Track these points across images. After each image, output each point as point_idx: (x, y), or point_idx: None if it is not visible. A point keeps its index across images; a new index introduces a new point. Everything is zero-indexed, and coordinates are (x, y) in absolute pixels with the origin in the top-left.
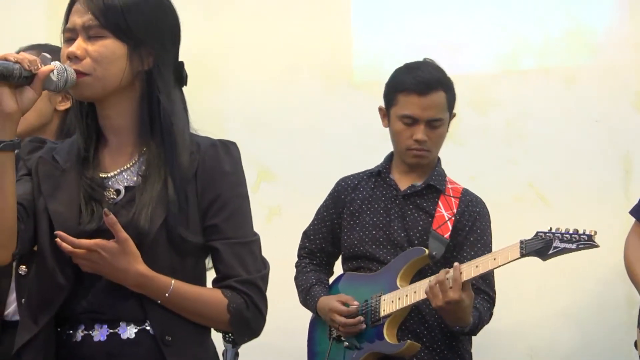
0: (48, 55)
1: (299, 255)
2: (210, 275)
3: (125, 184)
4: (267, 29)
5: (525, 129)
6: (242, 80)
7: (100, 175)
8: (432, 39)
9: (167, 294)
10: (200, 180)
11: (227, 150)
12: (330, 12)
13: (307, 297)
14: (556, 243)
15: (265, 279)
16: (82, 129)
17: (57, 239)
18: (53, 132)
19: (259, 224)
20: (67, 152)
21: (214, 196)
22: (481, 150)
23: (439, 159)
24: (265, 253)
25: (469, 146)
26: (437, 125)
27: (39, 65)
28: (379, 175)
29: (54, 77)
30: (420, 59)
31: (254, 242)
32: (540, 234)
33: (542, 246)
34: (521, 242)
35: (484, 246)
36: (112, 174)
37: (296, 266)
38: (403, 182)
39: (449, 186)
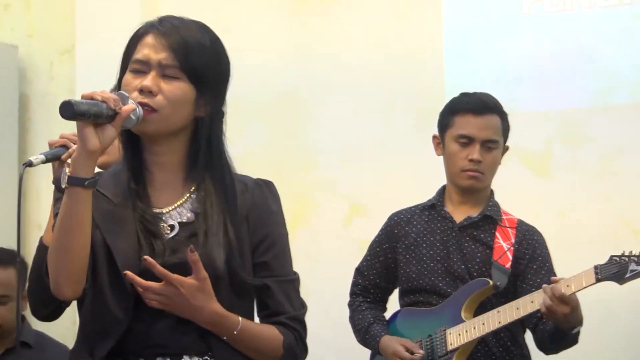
0: (125, 94)
1: (351, 293)
2: None
3: (179, 219)
4: (360, 65)
5: (619, 164)
6: (335, 115)
7: (154, 210)
8: (523, 74)
9: (235, 332)
10: (251, 219)
11: (271, 190)
12: (423, 48)
13: (366, 337)
14: (632, 266)
15: (304, 315)
16: (130, 164)
17: (128, 272)
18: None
19: (350, 259)
20: (113, 185)
21: (263, 235)
22: (573, 185)
23: (492, 190)
24: None
25: (560, 181)
26: (492, 147)
27: (120, 104)
28: (433, 208)
29: (132, 115)
30: (513, 94)
31: (297, 279)
32: (615, 257)
33: (617, 270)
34: (595, 267)
35: (548, 272)
36: (166, 210)
37: (349, 305)
38: (458, 214)
39: (504, 217)
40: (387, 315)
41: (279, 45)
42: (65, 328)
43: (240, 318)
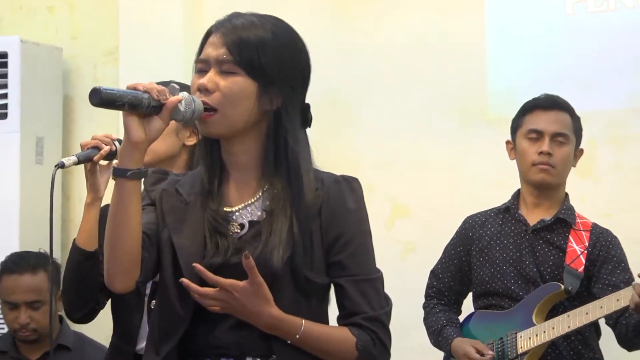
0: (177, 86)
1: (426, 296)
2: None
3: (249, 218)
4: (403, 66)
5: None
6: (377, 116)
7: (225, 209)
8: (566, 75)
9: (297, 336)
10: (324, 217)
11: (351, 187)
12: (465, 48)
13: (439, 339)
14: None
15: (389, 315)
16: (206, 163)
17: (184, 280)
18: (181, 166)
19: (393, 261)
20: (190, 185)
21: (338, 233)
22: (617, 186)
23: (566, 194)
24: (399, 289)
25: (604, 182)
26: (562, 142)
27: (167, 95)
28: (507, 211)
29: (181, 107)
30: (556, 94)
31: (378, 278)
32: None
33: None
34: None
35: (624, 271)
36: (236, 208)
37: (424, 307)
38: (532, 217)
39: (578, 220)
40: (462, 318)
41: (321, 46)
42: (108, 329)
43: (303, 321)
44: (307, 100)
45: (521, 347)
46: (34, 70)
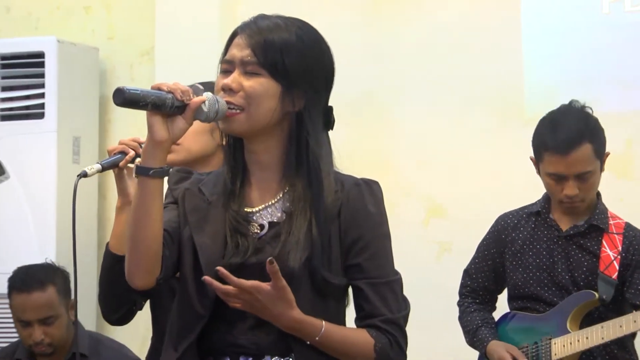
0: (200, 87)
1: (460, 294)
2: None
3: (269, 219)
4: (437, 66)
5: None
6: (412, 116)
7: (246, 209)
8: (603, 75)
9: (317, 337)
10: (343, 219)
11: (371, 190)
12: (501, 48)
13: (474, 339)
14: None
15: (406, 318)
16: (229, 163)
17: (207, 278)
18: (216, 166)
19: (428, 260)
20: (213, 184)
21: (357, 236)
22: None
23: (598, 193)
24: (435, 289)
25: None
26: (586, 178)
27: (191, 95)
28: (539, 215)
29: (205, 108)
30: (592, 95)
31: (396, 281)
32: None
33: None
34: None
35: None
36: (257, 209)
37: (459, 305)
38: (564, 222)
39: (611, 222)
40: (496, 315)
41: (356, 47)
42: (145, 329)
43: (323, 323)
44: (340, 101)
45: (555, 354)
46: (71, 70)
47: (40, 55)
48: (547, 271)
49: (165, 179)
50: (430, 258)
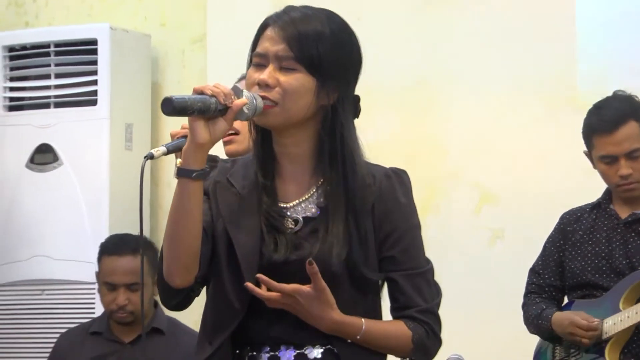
0: (240, 87)
1: (526, 293)
2: None
3: (304, 214)
4: (488, 53)
5: None
6: (463, 104)
7: (280, 204)
8: None
9: (358, 337)
10: (377, 213)
11: (401, 181)
12: (554, 34)
13: (538, 321)
14: None
15: (439, 305)
16: (258, 155)
17: (249, 284)
18: None
19: (481, 247)
20: (242, 176)
21: (390, 229)
22: None
23: None
24: (487, 276)
25: None
26: (637, 156)
27: (232, 98)
28: (599, 206)
29: (245, 109)
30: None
31: (429, 270)
32: None
33: None
34: None
35: None
36: (292, 204)
37: (523, 305)
38: (623, 211)
39: None
40: None
41: (407, 34)
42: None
43: (363, 321)
44: (393, 88)
45: (606, 333)
46: (123, 57)
47: (93, 42)
48: (605, 258)
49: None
50: (482, 245)
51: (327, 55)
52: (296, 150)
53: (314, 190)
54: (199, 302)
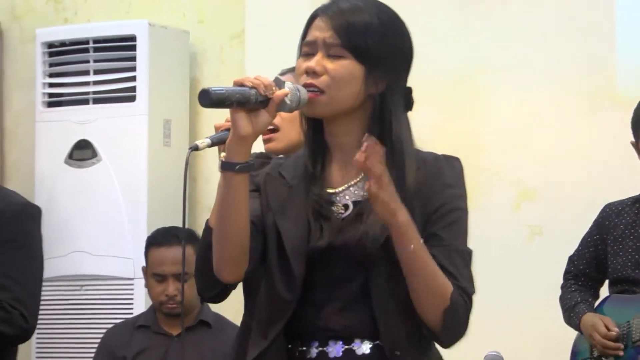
0: (282, 79)
1: (564, 279)
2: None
3: (353, 198)
4: (527, 49)
5: None
6: (502, 100)
7: (328, 190)
8: None
9: (412, 245)
10: (423, 194)
11: (451, 165)
12: (594, 31)
13: (570, 314)
14: None
15: (471, 295)
16: (309, 145)
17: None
18: None
19: (519, 243)
20: (294, 168)
21: (435, 206)
22: None
23: None
24: (526, 272)
25: None
26: None
27: (273, 89)
28: None
29: (287, 100)
30: None
31: (468, 252)
32: None
33: None
34: None
35: None
36: (340, 189)
37: (561, 287)
38: None
39: None
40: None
41: (448, 30)
42: (234, 310)
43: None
44: (434, 83)
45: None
46: (162, 53)
47: (132, 38)
48: None
49: None
50: (520, 241)
51: (375, 42)
52: (347, 140)
53: (362, 174)
54: (233, 300)
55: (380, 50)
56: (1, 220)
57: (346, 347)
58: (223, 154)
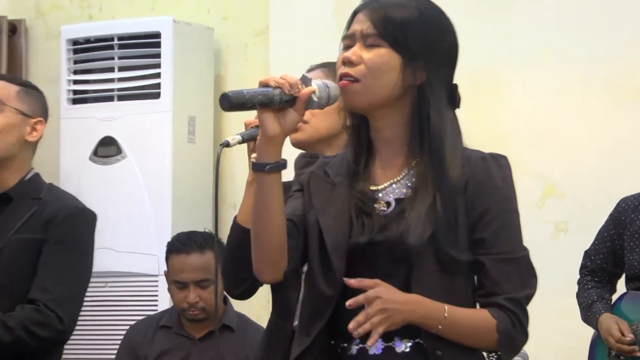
0: (309, 76)
1: (580, 274)
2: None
3: (396, 196)
4: (553, 43)
5: None
6: (526, 96)
7: (371, 187)
8: None
9: (440, 326)
10: (469, 193)
11: (498, 164)
12: (621, 23)
13: (588, 314)
14: None
15: (529, 298)
16: (353, 142)
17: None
18: (340, 146)
19: (544, 240)
20: (338, 165)
21: (483, 210)
22: None
23: None
24: (550, 268)
25: None
26: None
27: (300, 87)
28: None
29: (315, 97)
30: None
31: (522, 258)
32: None
33: None
34: None
35: None
36: (383, 186)
37: (578, 283)
38: None
39: None
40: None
41: (470, 26)
42: (260, 307)
43: (446, 306)
44: (457, 79)
45: None
46: (186, 50)
47: (157, 35)
48: None
49: (292, 164)
50: (545, 238)
51: (413, 33)
52: (390, 134)
53: (406, 171)
54: (258, 297)
55: (418, 41)
56: (54, 221)
57: (386, 344)
58: (254, 155)
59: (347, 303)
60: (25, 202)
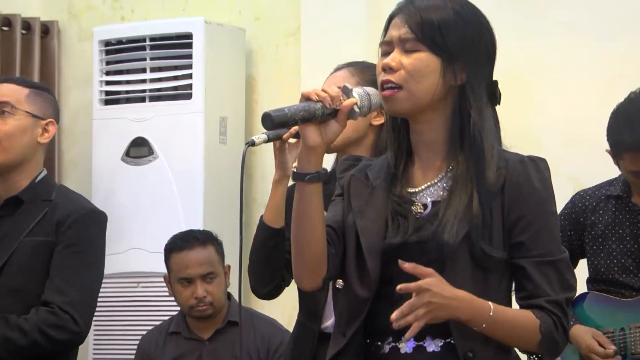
0: (349, 87)
1: None
2: None
3: (433, 198)
4: (582, 43)
5: None
6: (557, 96)
7: (409, 190)
8: None
9: (490, 313)
10: (507, 195)
11: (537, 167)
12: None
13: None
14: None
15: (569, 300)
16: (394, 147)
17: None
18: (368, 146)
19: None
20: (378, 169)
21: (521, 213)
22: None
23: None
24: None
25: None
26: None
27: (341, 99)
28: (619, 199)
29: (356, 108)
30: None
31: (561, 260)
32: None
33: None
34: None
35: None
36: (420, 188)
37: None
38: None
39: None
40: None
41: (502, 25)
42: (291, 307)
43: (491, 304)
44: None
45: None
46: (218, 51)
47: (188, 36)
48: (632, 257)
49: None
50: None
51: (450, 34)
52: (432, 137)
53: (444, 173)
54: (290, 297)
55: (456, 41)
56: (65, 224)
57: (417, 343)
58: (295, 164)
59: (398, 287)
60: (36, 205)
